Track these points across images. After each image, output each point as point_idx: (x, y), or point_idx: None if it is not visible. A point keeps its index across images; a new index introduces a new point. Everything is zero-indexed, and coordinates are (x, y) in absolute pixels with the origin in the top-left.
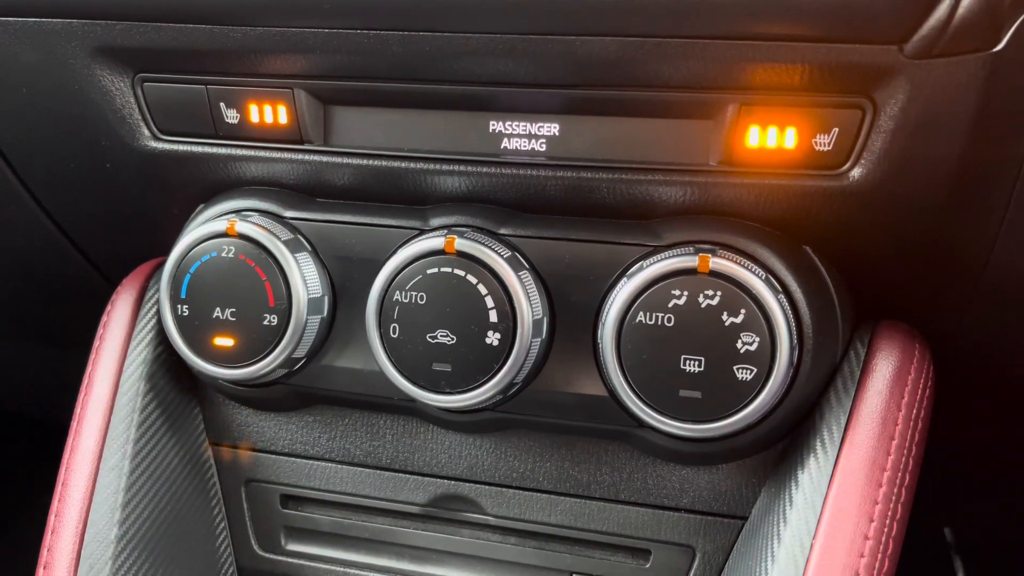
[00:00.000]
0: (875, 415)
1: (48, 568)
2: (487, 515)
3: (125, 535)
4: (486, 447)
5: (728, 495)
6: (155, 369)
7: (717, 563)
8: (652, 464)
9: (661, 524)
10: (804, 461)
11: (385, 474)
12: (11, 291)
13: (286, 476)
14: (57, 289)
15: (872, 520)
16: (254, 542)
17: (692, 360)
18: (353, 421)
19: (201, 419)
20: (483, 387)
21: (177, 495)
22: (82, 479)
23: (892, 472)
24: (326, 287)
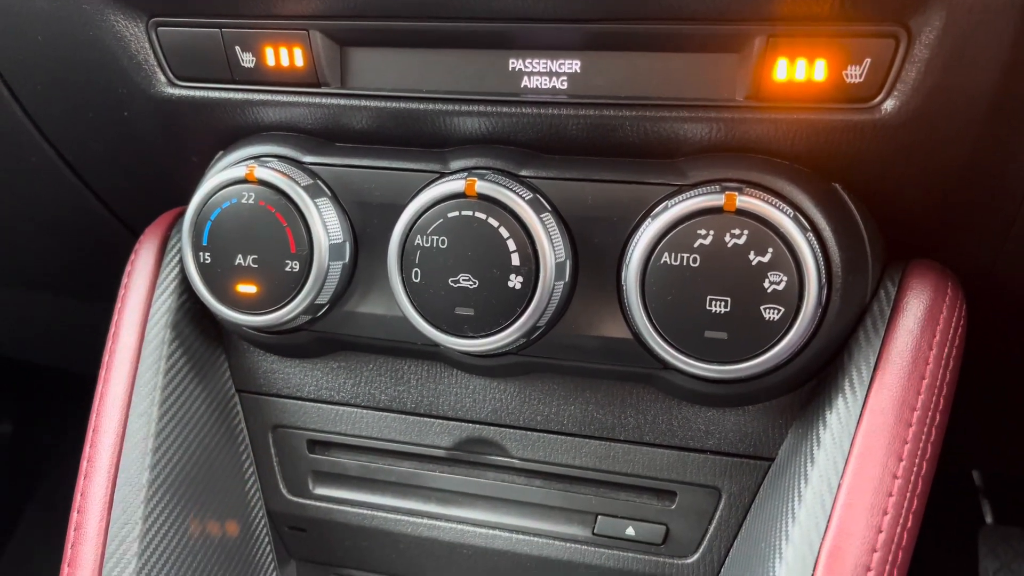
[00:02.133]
0: (905, 354)
1: (82, 512)
2: (512, 458)
3: (156, 479)
4: (510, 391)
5: (754, 436)
6: (180, 317)
7: (743, 504)
8: (677, 406)
9: (687, 466)
10: (832, 401)
11: (410, 419)
12: (37, 244)
13: (312, 422)
14: (82, 241)
15: (901, 459)
16: (283, 486)
17: (718, 301)
18: (377, 367)
19: (227, 366)
20: (506, 331)
21: (205, 441)
22: (112, 425)
23: (922, 412)
24: (347, 233)
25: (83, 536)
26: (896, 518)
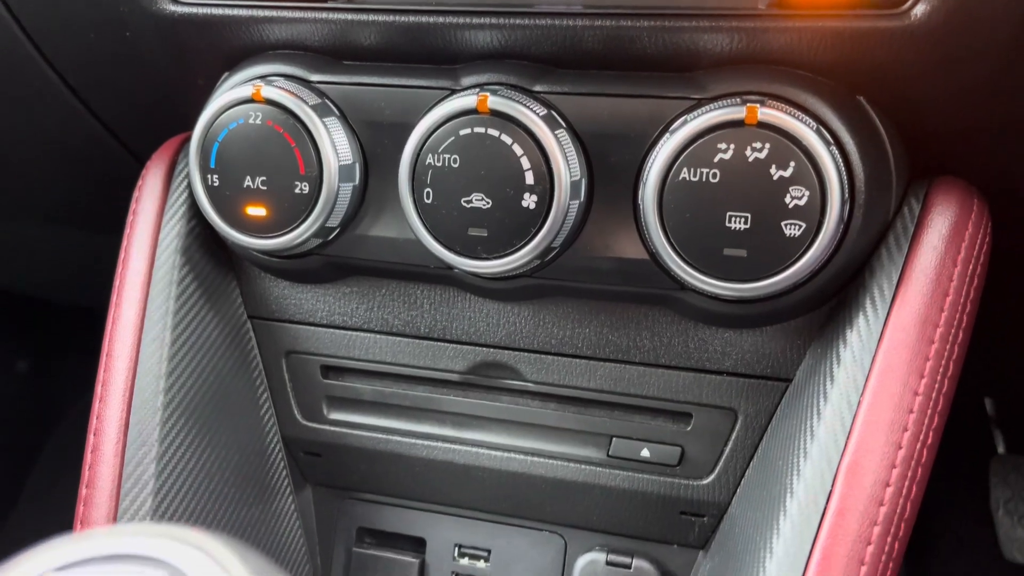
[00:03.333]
0: (929, 271)
1: (98, 434)
2: (526, 381)
3: (171, 403)
4: (524, 314)
5: (772, 357)
6: (189, 242)
7: (760, 425)
8: (694, 328)
9: (703, 387)
10: (853, 320)
11: (424, 343)
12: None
13: (326, 347)
14: (89, 172)
15: (923, 377)
16: (297, 412)
17: (738, 217)
18: (390, 291)
19: (238, 293)
20: (520, 252)
21: (219, 367)
22: (125, 350)
23: (945, 329)
24: (356, 154)
25: (100, 458)
26: (916, 435)
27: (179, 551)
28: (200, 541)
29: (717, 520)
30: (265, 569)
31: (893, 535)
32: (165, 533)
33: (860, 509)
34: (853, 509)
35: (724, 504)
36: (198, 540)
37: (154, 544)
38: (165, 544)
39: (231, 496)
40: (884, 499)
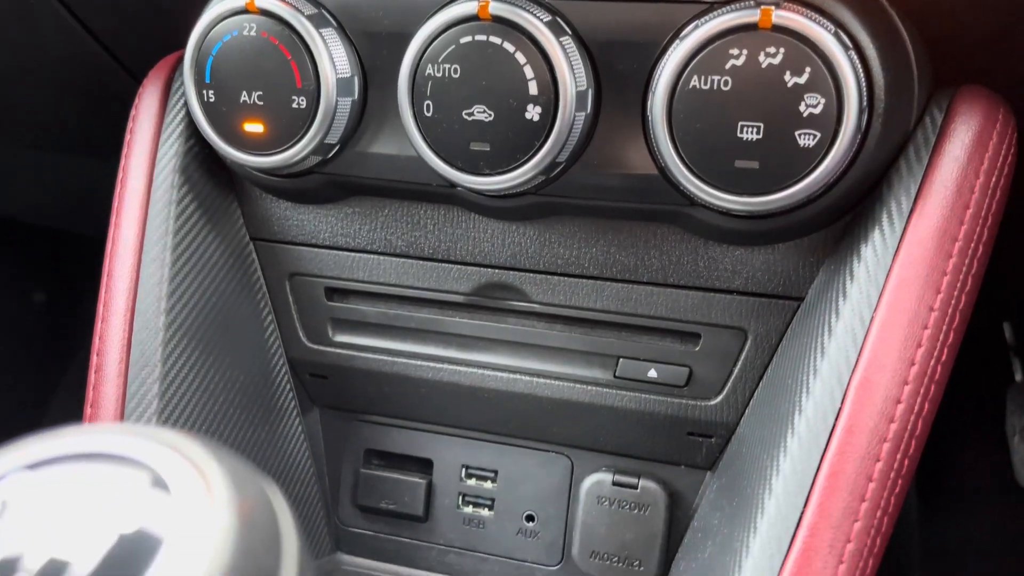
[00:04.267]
0: (950, 182)
1: (101, 354)
2: (532, 302)
3: (172, 323)
4: (530, 234)
5: (784, 275)
6: (188, 162)
7: (770, 345)
8: (704, 246)
9: (712, 307)
10: (868, 234)
11: (428, 264)
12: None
13: (329, 269)
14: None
15: (939, 292)
16: (302, 334)
17: (750, 127)
18: (393, 211)
19: (240, 214)
20: (524, 167)
21: (221, 288)
22: (125, 270)
23: (964, 243)
24: (355, 67)
25: (103, 377)
26: (931, 351)
27: (153, 450)
28: (175, 441)
29: (725, 441)
30: (241, 470)
31: (903, 452)
32: (140, 433)
33: (870, 426)
34: (863, 426)
35: (732, 425)
36: (173, 440)
37: (128, 443)
38: (139, 443)
39: (236, 417)
40: (895, 416)
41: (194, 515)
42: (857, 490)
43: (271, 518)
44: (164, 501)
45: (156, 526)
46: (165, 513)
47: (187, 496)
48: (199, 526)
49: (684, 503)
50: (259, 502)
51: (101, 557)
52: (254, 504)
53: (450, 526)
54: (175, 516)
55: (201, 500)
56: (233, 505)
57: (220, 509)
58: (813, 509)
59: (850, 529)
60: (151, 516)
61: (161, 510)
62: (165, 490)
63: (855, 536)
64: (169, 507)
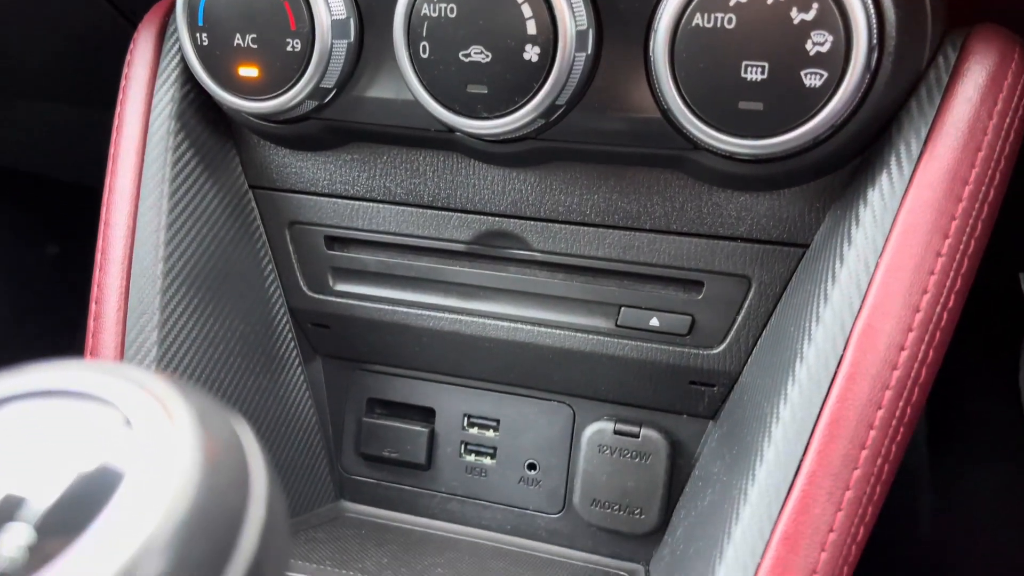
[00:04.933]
0: (961, 124)
1: (99, 303)
2: (533, 251)
3: (171, 271)
4: (530, 181)
5: (789, 222)
6: (184, 108)
7: (774, 293)
8: (707, 192)
9: (715, 254)
10: (876, 178)
11: (427, 212)
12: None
13: (329, 217)
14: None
15: (947, 237)
16: (303, 283)
17: (754, 67)
18: (392, 158)
19: (238, 162)
20: (522, 110)
21: (220, 235)
22: (122, 218)
23: (975, 186)
24: (351, 8)
25: (102, 326)
26: (936, 298)
27: (117, 387)
28: (141, 378)
29: (727, 390)
30: (209, 408)
31: (906, 400)
32: (105, 369)
33: (872, 373)
34: (865, 373)
35: (735, 374)
36: (138, 377)
37: (92, 380)
38: (103, 380)
39: (237, 365)
40: (898, 363)
41: (157, 452)
42: (857, 438)
43: (239, 456)
44: (127, 438)
45: (117, 463)
46: (127, 450)
47: (150, 433)
48: (162, 463)
49: (686, 452)
50: (226, 440)
51: (59, 493)
52: (221, 441)
53: (452, 474)
54: (137, 453)
55: (165, 437)
56: (198, 442)
57: (184, 446)
58: (812, 457)
59: (849, 477)
60: (113, 453)
61: (123, 447)
62: (128, 427)
63: (854, 484)
64: (132, 444)
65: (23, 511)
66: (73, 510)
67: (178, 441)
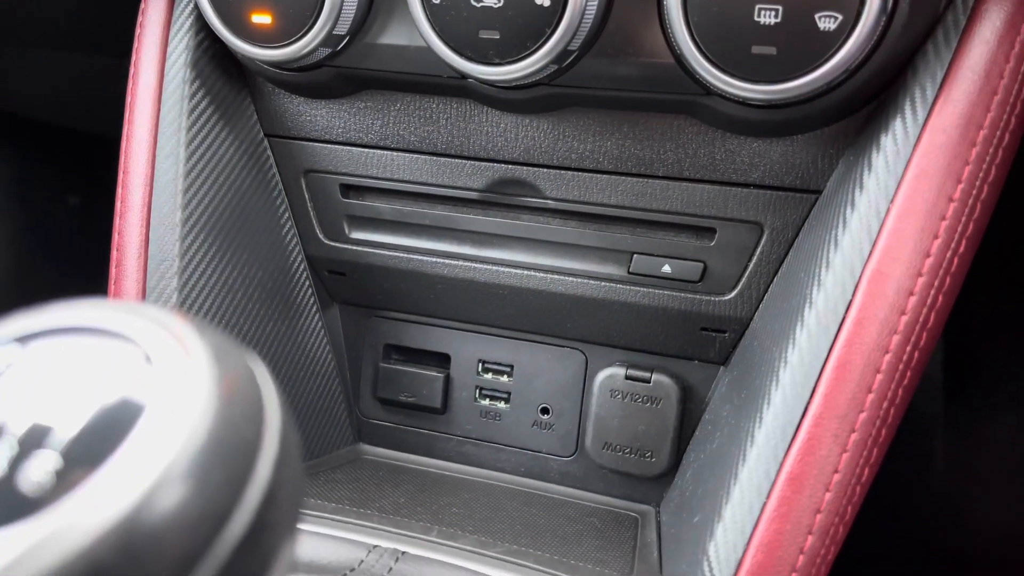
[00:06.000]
0: (978, 67)
1: (120, 250)
2: (546, 198)
3: (189, 219)
4: (543, 128)
5: (802, 168)
6: (199, 56)
7: (786, 239)
8: (721, 138)
9: (728, 201)
10: (890, 123)
11: (441, 160)
12: None
13: (344, 165)
14: None
15: (960, 182)
16: (319, 231)
17: (768, 10)
18: (405, 106)
19: (253, 110)
20: (535, 55)
21: (237, 184)
22: (141, 166)
23: (989, 131)
24: None
25: (123, 272)
26: (947, 243)
27: (137, 325)
28: (159, 316)
29: (738, 336)
30: (224, 345)
31: (913, 344)
32: (125, 308)
33: (880, 318)
34: (873, 318)
35: (746, 320)
36: (157, 315)
37: (112, 318)
38: (123, 318)
39: (256, 312)
40: (907, 308)
41: (175, 385)
42: (864, 381)
43: (254, 390)
44: (146, 372)
45: (138, 395)
46: (147, 383)
47: (169, 368)
48: (180, 396)
49: (697, 397)
50: (241, 374)
51: (85, 422)
52: (236, 376)
53: (467, 418)
54: (157, 386)
55: (183, 371)
56: (215, 376)
57: (201, 380)
58: (819, 400)
59: (855, 419)
60: (134, 386)
61: (143, 381)
62: (148, 362)
63: (860, 426)
64: (151, 378)
65: (50, 439)
66: (97, 439)
67: (195, 375)
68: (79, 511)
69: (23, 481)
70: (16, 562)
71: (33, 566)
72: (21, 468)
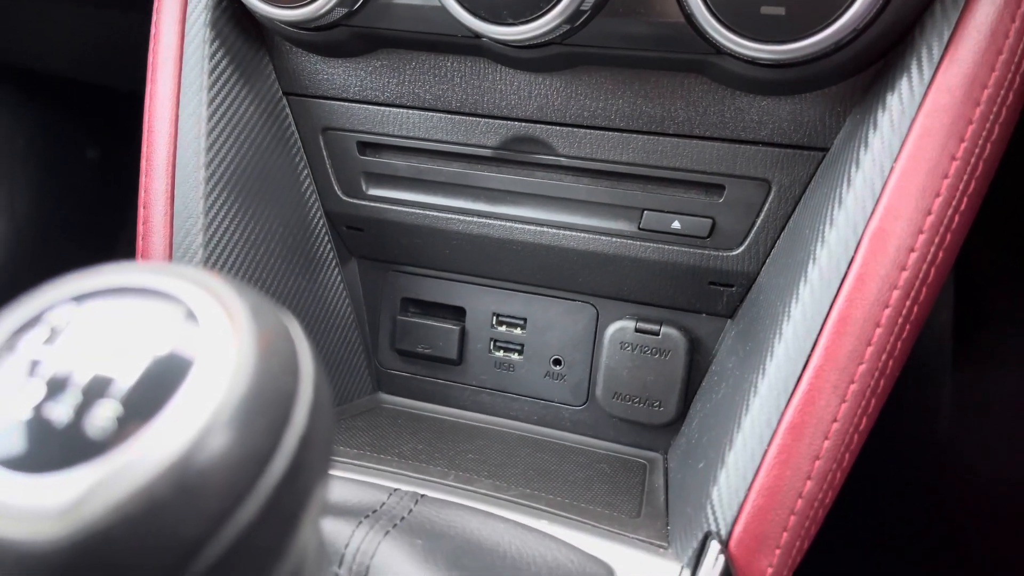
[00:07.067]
0: (984, 27)
1: (147, 207)
2: (559, 155)
3: (212, 176)
4: (556, 86)
5: (810, 126)
6: (218, 16)
7: (793, 196)
8: (730, 96)
9: (736, 158)
10: (895, 83)
11: (455, 118)
12: None
13: (360, 123)
14: None
15: (963, 141)
16: (337, 188)
17: None
18: (420, 64)
19: (272, 68)
20: (548, 15)
21: (257, 141)
22: (164, 125)
23: (993, 90)
24: None
25: (151, 228)
26: (949, 201)
27: (182, 286)
28: (201, 278)
29: (745, 290)
30: (261, 304)
31: (913, 299)
32: (171, 271)
33: (881, 274)
34: (874, 274)
35: (753, 274)
36: (199, 277)
37: (161, 280)
38: (170, 280)
39: (278, 267)
40: (907, 264)
41: (220, 341)
42: (864, 335)
43: (289, 345)
44: (193, 329)
45: (187, 350)
46: (195, 340)
47: (213, 325)
48: (225, 350)
49: (704, 349)
50: (278, 331)
51: (140, 374)
52: (273, 333)
53: (482, 369)
54: (204, 342)
55: (226, 329)
56: (254, 333)
57: (243, 336)
58: (820, 352)
59: (855, 371)
60: (183, 342)
61: (191, 337)
62: (194, 320)
63: (859, 377)
64: (198, 334)
65: (111, 389)
66: (152, 389)
67: (236, 331)
68: (139, 452)
69: (89, 426)
70: (87, 495)
71: (101, 499)
72: (87, 414)
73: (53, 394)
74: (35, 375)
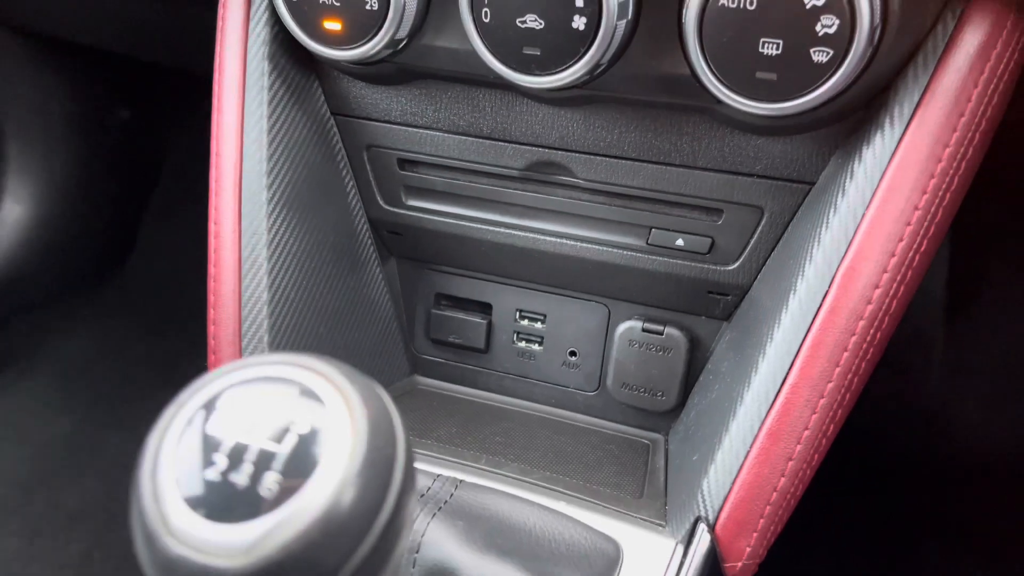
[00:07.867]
0: (949, 92)
1: (218, 224)
2: (577, 178)
3: (273, 197)
4: (576, 119)
5: (799, 162)
6: (275, 49)
7: (783, 221)
8: (730, 134)
9: (734, 187)
10: (871, 137)
11: (486, 142)
12: None
13: (401, 143)
14: None
15: (925, 193)
16: (379, 198)
17: (770, 43)
18: (455, 95)
19: (321, 92)
20: (570, 69)
21: (309, 160)
22: (231, 151)
23: (954, 148)
24: None
25: (222, 244)
26: (910, 245)
27: (307, 376)
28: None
29: (740, 298)
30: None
31: (876, 327)
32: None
33: (850, 308)
34: (843, 308)
35: (747, 286)
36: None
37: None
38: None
39: (330, 271)
40: (872, 298)
41: (341, 420)
42: (833, 358)
43: (389, 420)
44: (320, 410)
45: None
46: (323, 418)
47: (334, 406)
48: (345, 428)
49: (702, 347)
50: (381, 410)
51: (291, 448)
52: (378, 412)
53: (507, 357)
54: (330, 420)
55: (343, 408)
56: (366, 413)
57: (358, 416)
58: (796, 372)
59: (824, 388)
60: (316, 422)
61: (321, 417)
62: (319, 401)
63: (828, 393)
64: (324, 414)
65: (273, 462)
66: (301, 459)
67: (353, 413)
68: (297, 507)
69: (262, 489)
70: (263, 537)
71: (273, 541)
72: (259, 481)
73: (234, 465)
74: (219, 451)
